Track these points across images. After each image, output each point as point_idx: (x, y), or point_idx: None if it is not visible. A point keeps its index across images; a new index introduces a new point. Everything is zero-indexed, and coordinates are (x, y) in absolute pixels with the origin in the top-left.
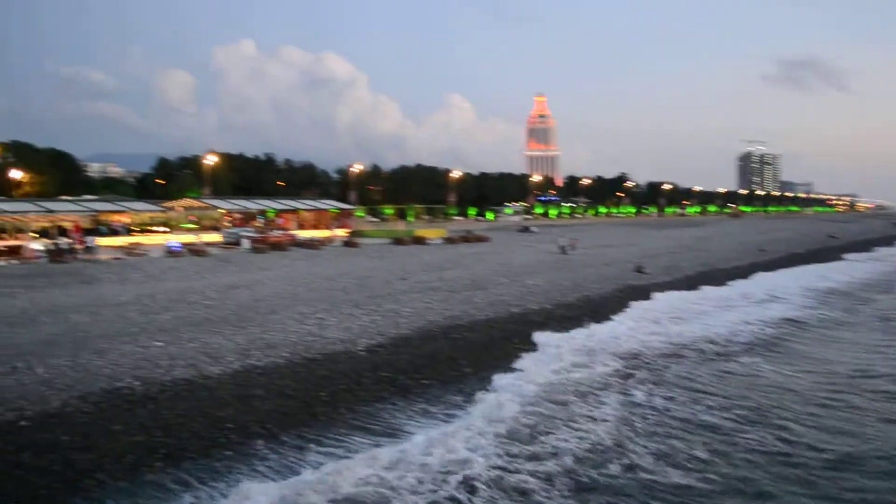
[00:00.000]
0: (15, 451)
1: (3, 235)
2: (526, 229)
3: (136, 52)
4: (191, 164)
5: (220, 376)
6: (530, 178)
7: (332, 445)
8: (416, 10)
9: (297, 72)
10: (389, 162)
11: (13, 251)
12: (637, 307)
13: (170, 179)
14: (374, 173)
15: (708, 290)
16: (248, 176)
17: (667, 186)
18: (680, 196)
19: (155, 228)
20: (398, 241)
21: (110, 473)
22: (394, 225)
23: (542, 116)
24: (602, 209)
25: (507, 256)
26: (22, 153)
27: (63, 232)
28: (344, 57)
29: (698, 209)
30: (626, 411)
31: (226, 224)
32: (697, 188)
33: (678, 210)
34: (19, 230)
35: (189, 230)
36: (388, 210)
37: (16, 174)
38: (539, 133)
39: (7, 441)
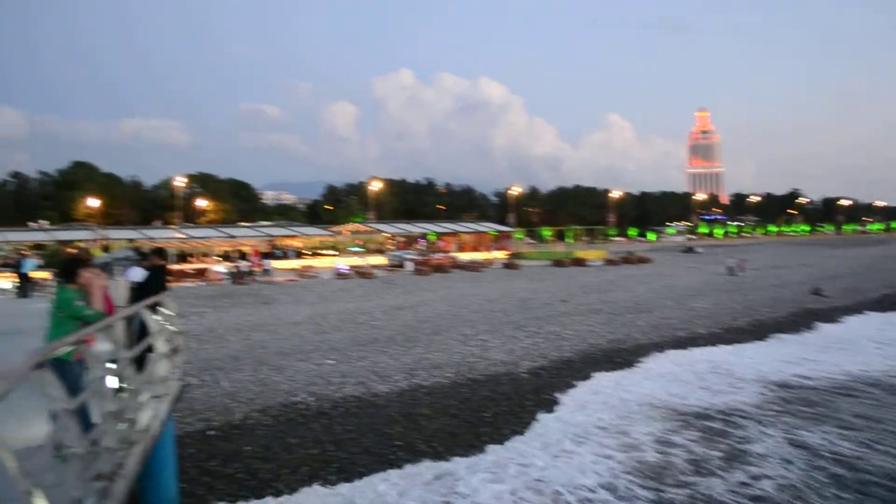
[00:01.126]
0: (205, 459)
1: (191, 259)
2: (690, 249)
3: (305, 88)
4: (356, 190)
5: (388, 395)
6: (693, 197)
7: (496, 466)
8: (568, 32)
9: (452, 98)
10: (546, 183)
11: (200, 273)
12: (812, 332)
13: (337, 205)
14: (531, 195)
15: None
16: (410, 200)
17: (845, 202)
18: (860, 212)
19: (324, 252)
20: (558, 263)
21: (287, 484)
22: (553, 247)
23: (704, 132)
24: (772, 228)
25: (670, 278)
26: (206, 184)
27: (243, 256)
28: (498, 81)
29: (881, 226)
30: (801, 459)
31: (390, 247)
32: (880, 203)
33: (858, 227)
34: (205, 254)
35: (356, 253)
36: (547, 232)
37: (201, 203)
38: (702, 149)
39: (198, 449)
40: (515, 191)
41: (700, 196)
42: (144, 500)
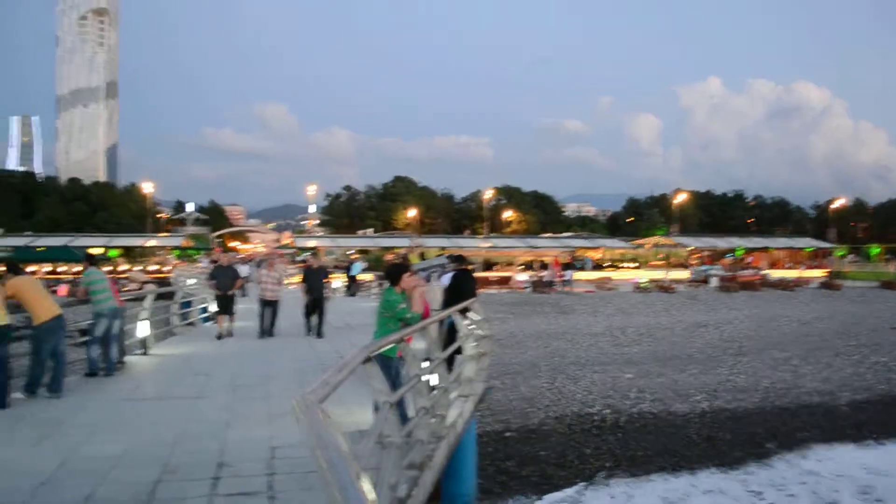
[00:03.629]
0: (502, 459)
1: (496, 267)
2: None
3: (606, 101)
4: (658, 202)
5: (687, 415)
6: None
7: None
8: None
9: (764, 104)
10: (874, 195)
11: (503, 281)
12: None
13: (638, 218)
14: (856, 208)
15: None
16: (715, 213)
17: None
18: None
19: (624, 265)
20: (887, 285)
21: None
22: (882, 266)
23: None
24: None
25: None
26: (511, 196)
27: (544, 265)
28: (817, 84)
29: None
30: None
31: (693, 262)
32: None
33: None
34: (508, 263)
35: (657, 267)
36: (875, 249)
37: (506, 214)
38: None
39: (496, 448)
40: (837, 203)
41: None
42: (447, 492)
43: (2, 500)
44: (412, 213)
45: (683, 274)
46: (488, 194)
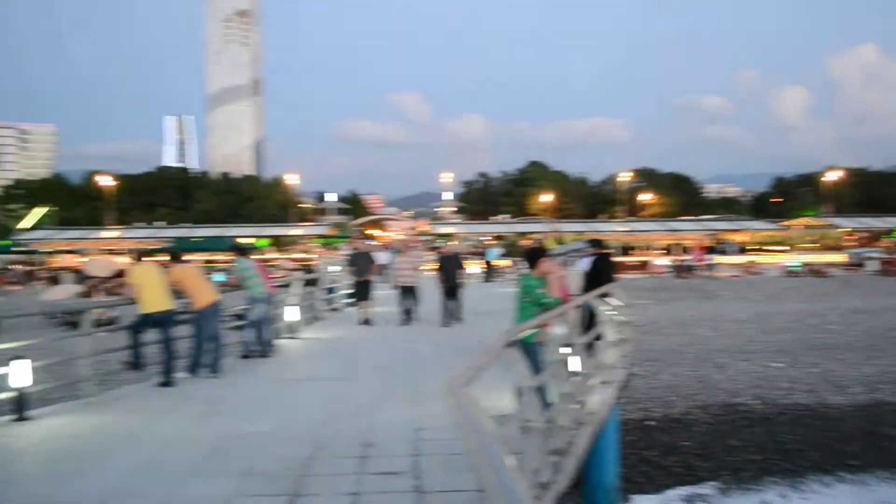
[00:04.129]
0: (644, 448)
1: (634, 252)
2: None
3: (749, 76)
4: (808, 181)
5: (844, 407)
6: None
7: None
8: None
9: None
10: None
11: (642, 266)
12: None
13: (787, 198)
14: None
15: None
16: (873, 192)
17: None
18: None
19: (771, 248)
20: None
21: (724, 484)
22: None
23: None
24: None
25: None
26: (649, 178)
27: (685, 249)
28: None
29: None
30: None
31: (848, 243)
32: None
33: None
34: (647, 247)
35: (808, 249)
36: None
37: (644, 197)
38: None
39: (637, 437)
40: None
41: None
42: (589, 479)
43: (174, 468)
44: (547, 198)
45: (837, 257)
46: (625, 177)
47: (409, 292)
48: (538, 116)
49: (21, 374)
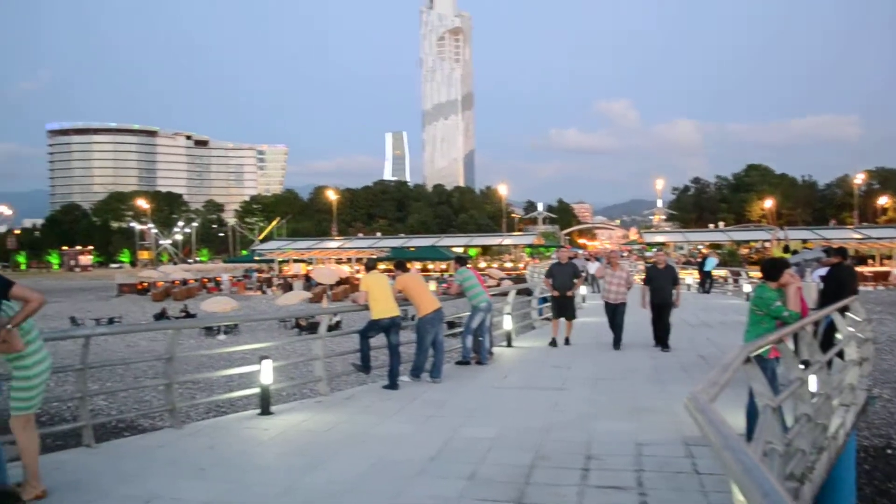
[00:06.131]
0: (882, 479)
1: (870, 261)
2: None
3: None
4: None
5: None
6: None
7: None
8: None
9: None
10: None
11: (880, 277)
12: None
13: None
14: None
15: None
16: None
17: None
18: None
19: None
20: None
21: None
22: None
23: None
24: None
25: None
26: (886, 179)
27: None
28: None
29: None
30: None
31: None
32: None
33: None
34: (887, 256)
35: None
36: None
37: (880, 200)
38: None
39: (874, 466)
40: None
41: None
42: None
43: (402, 467)
44: (768, 203)
45: None
46: (858, 179)
47: (615, 310)
48: (754, 117)
49: (267, 373)
